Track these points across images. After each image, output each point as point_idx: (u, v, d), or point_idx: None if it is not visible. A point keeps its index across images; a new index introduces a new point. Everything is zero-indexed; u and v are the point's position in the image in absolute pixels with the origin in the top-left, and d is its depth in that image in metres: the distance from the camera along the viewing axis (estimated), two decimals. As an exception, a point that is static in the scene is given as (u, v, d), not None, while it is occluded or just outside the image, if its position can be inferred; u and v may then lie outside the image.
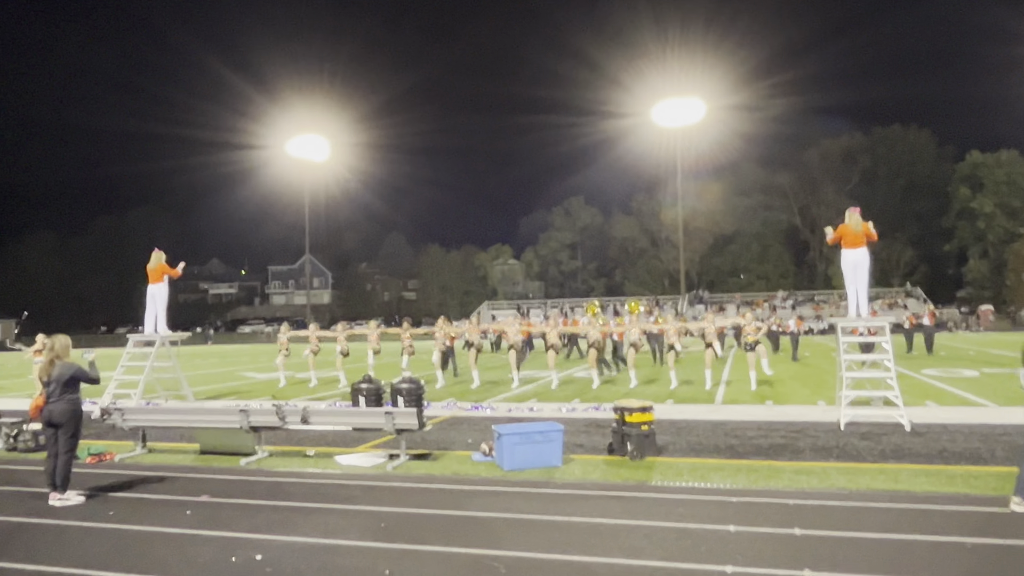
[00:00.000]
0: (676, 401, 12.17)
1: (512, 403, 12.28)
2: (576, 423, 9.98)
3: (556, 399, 12.81)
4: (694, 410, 11.03)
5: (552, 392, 13.97)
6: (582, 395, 13.36)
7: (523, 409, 11.38)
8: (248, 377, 20.36)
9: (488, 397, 13.42)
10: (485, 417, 10.80)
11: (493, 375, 18.46)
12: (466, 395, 13.88)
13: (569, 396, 13.22)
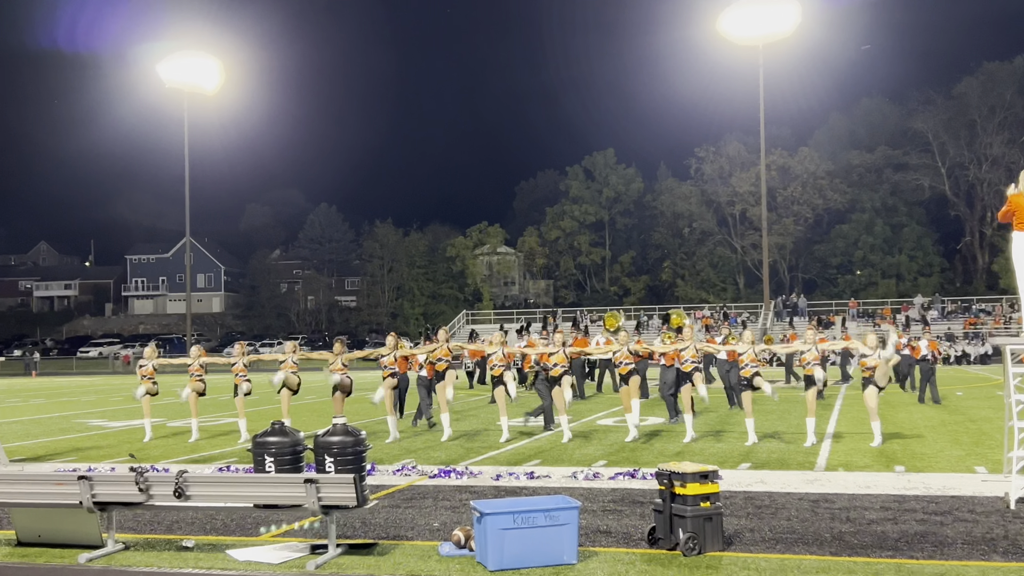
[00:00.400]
0: (755, 465, 12.23)
1: (502, 466, 12.32)
2: (600, 497, 10.00)
3: (568, 460, 12.85)
4: (783, 479, 11.07)
5: (563, 449, 14.02)
6: (609, 454, 13.39)
7: (519, 476, 11.38)
8: (94, 426, 20.33)
9: (465, 457, 13.46)
10: (460, 487, 10.82)
11: (472, 423, 18.49)
12: (431, 454, 13.91)
13: (589, 456, 13.27)
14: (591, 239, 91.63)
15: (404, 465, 12.29)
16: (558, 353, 14.86)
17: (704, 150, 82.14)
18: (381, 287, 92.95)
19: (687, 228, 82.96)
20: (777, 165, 76.90)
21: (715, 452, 13.48)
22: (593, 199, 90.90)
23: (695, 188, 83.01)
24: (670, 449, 13.91)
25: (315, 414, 22.01)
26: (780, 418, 18.40)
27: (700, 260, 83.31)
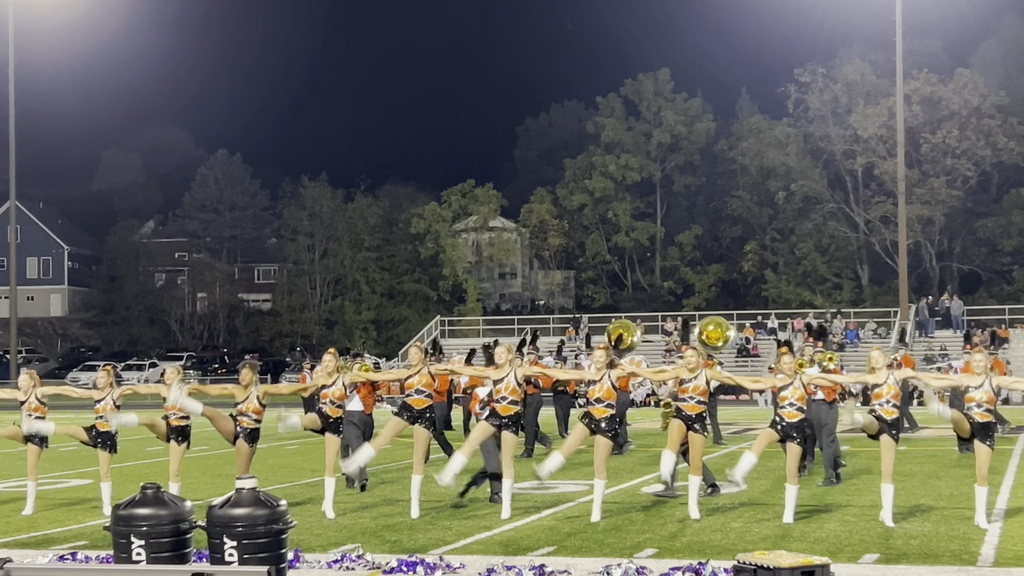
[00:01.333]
0: (886, 556, 12.20)
1: (496, 556, 12.30)
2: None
3: (598, 547, 12.82)
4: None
5: (590, 530, 13.98)
6: (661, 538, 13.39)
7: (522, 571, 11.36)
8: None
9: (440, 542, 13.43)
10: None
11: (457, 487, 18.49)
12: (388, 536, 13.87)
13: (630, 541, 13.24)
14: (634, 208, 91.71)
15: (346, 554, 12.27)
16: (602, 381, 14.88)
17: (808, 72, 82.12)
18: (310, 280, 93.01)
19: (782, 192, 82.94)
20: (921, 96, 76.88)
21: (825, 535, 13.39)
22: (638, 146, 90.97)
23: (795, 131, 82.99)
24: (756, 531, 13.86)
25: (208, 473, 21.96)
26: (923, 484, 18.35)
27: (802, 241, 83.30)
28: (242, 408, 15.72)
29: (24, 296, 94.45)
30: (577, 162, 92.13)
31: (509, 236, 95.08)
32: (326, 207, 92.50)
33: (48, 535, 14.45)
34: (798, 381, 14.56)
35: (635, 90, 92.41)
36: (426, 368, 15.61)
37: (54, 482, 20.40)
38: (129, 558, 8.14)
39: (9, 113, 62.55)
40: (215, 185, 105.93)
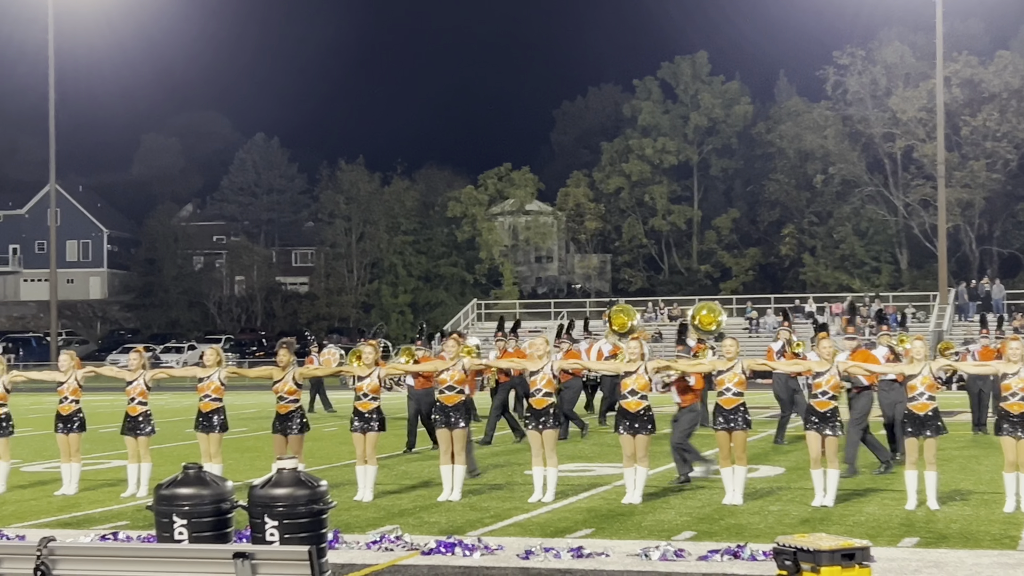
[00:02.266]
0: (925, 540, 12.19)
1: (534, 538, 12.33)
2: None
3: (636, 530, 12.85)
4: (969, 562, 11.00)
5: (627, 513, 14.02)
6: (699, 521, 13.40)
7: (559, 552, 11.41)
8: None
9: (477, 523, 13.47)
10: (469, 568, 10.81)
11: (494, 473, 18.56)
12: (426, 516, 13.94)
13: (668, 524, 13.27)
14: (671, 191, 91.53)
15: (384, 534, 12.32)
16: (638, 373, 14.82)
17: (847, 54, 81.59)
18: (347, 263, 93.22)
19: (820, 175, 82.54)
20: (962, 78, 76.32)
21: (864, 519, 13.37)
22: (675, 129, 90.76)
23: (833, 114, 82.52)
24: (794, 514, 13.85)
25: (249, 453, 22.08)
26: (963, 469, 18.26)
27: (840, 225, 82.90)
28: (278, 389, 15.78)
29: (64, 279, 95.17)
30: (614, 145, 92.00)
31: (545, 220, 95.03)
32: (363, 190, 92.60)
33: (89, 515, 14.60)
34: (834, 368, 14.47)
35: (672, 73, 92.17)
36: (460, 363, 15.58)
37: (95, 463, 20.56)
38: (171, 537, 8.20)
39: (49, 97, 62.92)
40: (253, 169, 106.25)
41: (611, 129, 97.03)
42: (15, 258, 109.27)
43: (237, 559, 7.33)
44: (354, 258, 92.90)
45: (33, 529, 13.13)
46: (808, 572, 7.59)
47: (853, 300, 61.69)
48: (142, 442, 16.33)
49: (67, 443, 16.62)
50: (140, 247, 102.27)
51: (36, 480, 18.32)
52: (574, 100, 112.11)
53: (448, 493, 15.38)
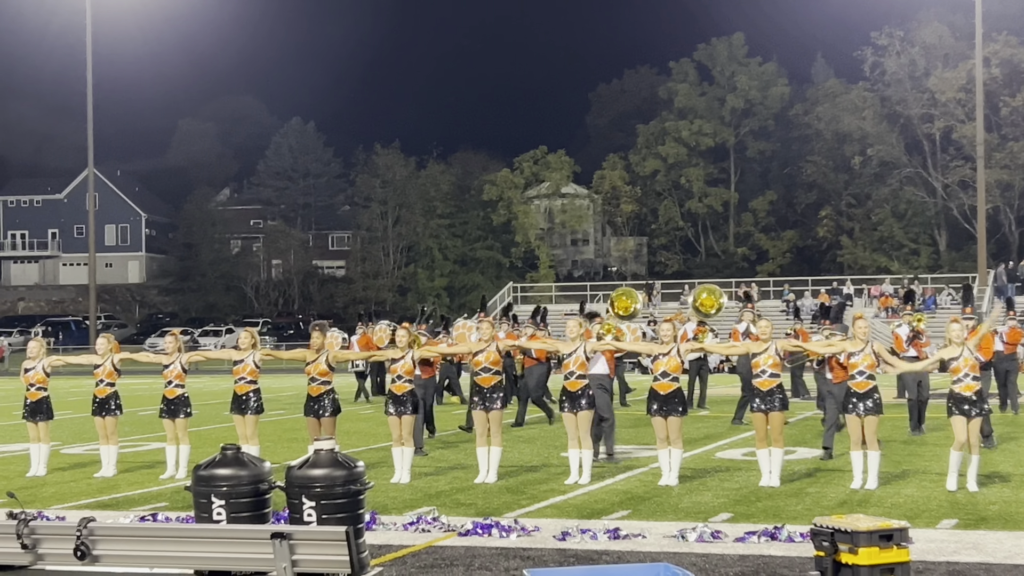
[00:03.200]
0: (964, 521, 12.13)
1: (570, 520, 12.35)
2: (722, 567, 9.98)
3: (673, 511, 12.87)
4: (1009, 544, 10.97)
5: (664, 495, 14.04)
6: (737, 502, 13.41)
7: (596, 534, 11.43)
8: (-45, 452, 20.70)
9: (513, 505, 13.51)
10: (506, 550, 10.84)
11: (522, 452, 18.58)
12: (462, 498, 13.98)
13: (705, 506, 13.28)
14: (707, 174, 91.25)
15: (421, 516, 12.36)
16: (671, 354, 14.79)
17: (886, 35, 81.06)
18: (383, 247, 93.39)
19: (858, 157, 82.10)
20: (1001, 58, 75.68)
21: (903, 500, 13.35)
22: (711, 112, 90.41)
23: (871, 95, 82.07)
24: (831, 495, 13.84)
25: (286, 435, 22.20)
26: (1001, 450, 18.17)
27: (878, 207, 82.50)
28: (310, 370, 15.84)
29: (103, 263, 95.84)
30: (650, 128, 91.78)
31: (581, 202, 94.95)
32: (399, 174, 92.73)
33: (128, 496, 14.71)
34: (869, 349, 14.38)
35: (708, 55, 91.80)
36: (494, 344, 15.60)
37: (134, 445, 20.72)
38: (210, 518, 8.25)
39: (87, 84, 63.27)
40: (289, 153, 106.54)
41: (647, 111, 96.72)
42: (54, 242, 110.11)
43: (275, 539, 7.37)
44: (390, 242, 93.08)
45: (73, 510, 13.23)
46: (846, 553, 7.57)
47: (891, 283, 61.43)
48: (180, 424, 16.43)
49: (104, 426, 16.75)
50: (178, 231, 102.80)
51: (76, 462, 18.47)
52: (610, 82, 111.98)
53: (484, 475, 15.41)
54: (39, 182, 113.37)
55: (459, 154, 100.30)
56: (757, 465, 15.22)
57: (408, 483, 15.31)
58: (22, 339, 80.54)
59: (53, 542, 7.81)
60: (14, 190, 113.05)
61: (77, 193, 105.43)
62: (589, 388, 15.20)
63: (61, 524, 8.06)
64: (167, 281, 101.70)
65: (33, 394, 16.89)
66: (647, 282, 74.24)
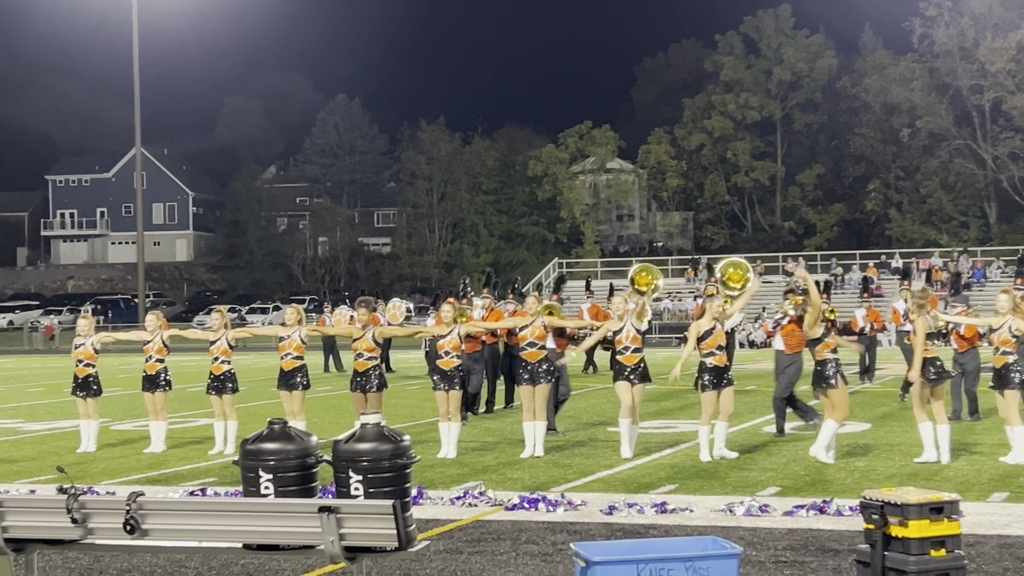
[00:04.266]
0: (1017, 494, 12.07)
1: (617, 494, 12.36)
2: (771, 541, 9.97)
3: (720, 485, 12.87)
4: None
5: (712, 469, 14.03)
6: (785, 477, 13.39)
7: (643, 508, 11.43)
8: (7, 429, 21.03)
9: (560, 479, 13.52)
10: (553, 524, 10.85)
11: (576, 430, 18.59)
12: (509, 473, 14.03)
13: (753, 480, 13.27)
14: (754, 147, 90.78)
15: (468, 491, 12.39)
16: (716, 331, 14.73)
17: (935, 5, 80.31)
18: (429, 223, 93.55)
19: (907, 129, 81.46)
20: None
21: (953, 474, 13.27)
22: (758, 85, 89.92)
23: (920, 66, 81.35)
24: (880, 469, 13.78)
25: (333, 411, 22.31)
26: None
27: (927, 179, 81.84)
28: (357, 346, 15.85)
29: (151, 241, 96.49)
30: (696, 102, 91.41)
31: (627, 178, 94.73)
32: (444, 151, 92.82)
33: (177, 472, 14.83)
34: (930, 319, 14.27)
35: (755, 27, 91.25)
36: (540, 320, 15.59)
37: (182, 421, 20.88)
38: (258, 492, 8.29)
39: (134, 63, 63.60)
40: (335, 130, 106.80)
41: (693, 85, 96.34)
42: (103, 221, 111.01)
43: (323, 513, 7.40)
44: (436, 218, 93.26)
45: (122, 486, 13.35)
46: (896, 526, 7.51)
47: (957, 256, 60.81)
48: (227, 400, 16.53)
49: (153, 402, 16.87)
50: (225, 209, 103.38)
51: (125, 438, 18.63)
52: (655, 56, 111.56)
53: (531, 450, 15.42)
54: (87, 161, 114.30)
55: (504, 130, 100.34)
56: (805, 439, 15.16)
57: (455, 458, 15.35)
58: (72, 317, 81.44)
59: (103, 516, 7.87)
60: (63, 170, 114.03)
61: (125, 172, 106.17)
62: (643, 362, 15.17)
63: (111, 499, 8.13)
64: (215, 259, 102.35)
65: (82, 370, 17.05)
66: (693, 257, 74.06)
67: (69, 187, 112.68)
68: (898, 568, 7.47)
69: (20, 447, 17.98)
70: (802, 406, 17.47)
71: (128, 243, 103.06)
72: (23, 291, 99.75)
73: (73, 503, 7.86)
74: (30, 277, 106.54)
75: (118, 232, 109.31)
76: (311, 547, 7.63)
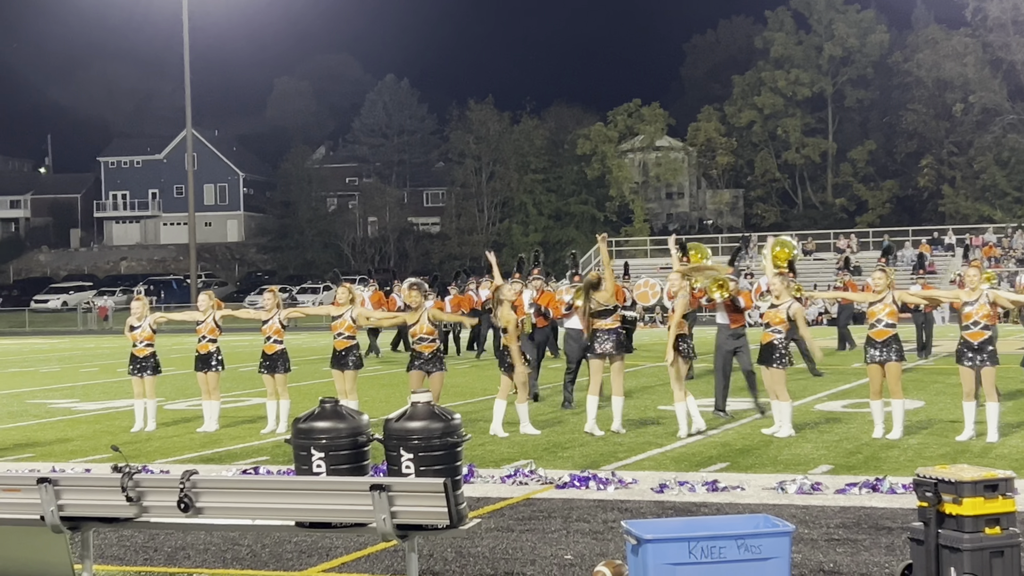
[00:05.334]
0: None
1: (668, 472, 12.38)
2: (823, 519, 9.96)
3: (772, 463, 12.85)
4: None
5: (764, 447, 14.01)
6: (838, 455, 13.34)
7: (694, 486, 11.43)
8: (58, 409, 21.21)
9: (611, 457, 13.55)
10: (604, 502, 10.88)
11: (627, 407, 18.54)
12: (560, 452, 14.04)
13: (805, 457, 13.24)
14: (805, 124, 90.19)
15: (519, 469, 12.42)
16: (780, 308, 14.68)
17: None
18: (478, 203, 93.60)
19: (959, 104, 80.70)
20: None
21: (1007, 451, 13.20)
22: (808, 61, 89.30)
23: (973, 40, 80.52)
24: (934, 447, 13.73)
25: (384, 389, 22.40)
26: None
27: (980, 155, 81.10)
28: (415, 331, 15.81)
29: (202, 222, 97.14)
30: (745, 78, 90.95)
31: (676, 155, 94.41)
32: (492, 130, 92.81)
33: (230, 451, 14.95)
34: (984, 298, 14.03)
35: (805, 2, 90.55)
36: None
37: (235, 400, 21.02)
38: (310, 470, 8.34)
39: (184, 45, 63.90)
40: (384, 110, 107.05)
41: (743, 62, 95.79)
42: (155, 203, 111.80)
43: (374, 491, 7.44)
44: (484, 197, 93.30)
45: (176, 464, 13.47)
46: (950, 503, 7.46)
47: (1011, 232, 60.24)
48: (279, 380, 16.60)
49: (206, 381, 16.99)
50: (275, 190, 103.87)
51: (179, 418, 18.79)
52: (704, 33, 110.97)
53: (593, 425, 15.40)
54: (139, 143, 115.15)
55: (553, 108, 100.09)
56: (857, 417, 15.09)
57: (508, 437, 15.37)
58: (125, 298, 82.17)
59: (157, 495, 7.95)
60: (115, 151, 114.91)
61: (176, 153, 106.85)
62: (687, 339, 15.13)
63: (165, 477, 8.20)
64: (265, 239, 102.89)
65: (140, 350, 17.17)
66: (743, 235, 73.71)
67: (121, 169, 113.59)
68: (952, 546, 7.43)
69: (75, 426, 18.16)
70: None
71: (179, 224, 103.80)
72: (77, 272, 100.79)
73: (128, 482, 7.94)
74: (83, 258, 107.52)
75: (169, 213, 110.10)
76: (363, 525, 7.68)
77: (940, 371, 23.36)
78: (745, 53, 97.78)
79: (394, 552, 9.04)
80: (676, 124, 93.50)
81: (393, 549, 9.07)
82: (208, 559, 9.14)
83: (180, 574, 8.71)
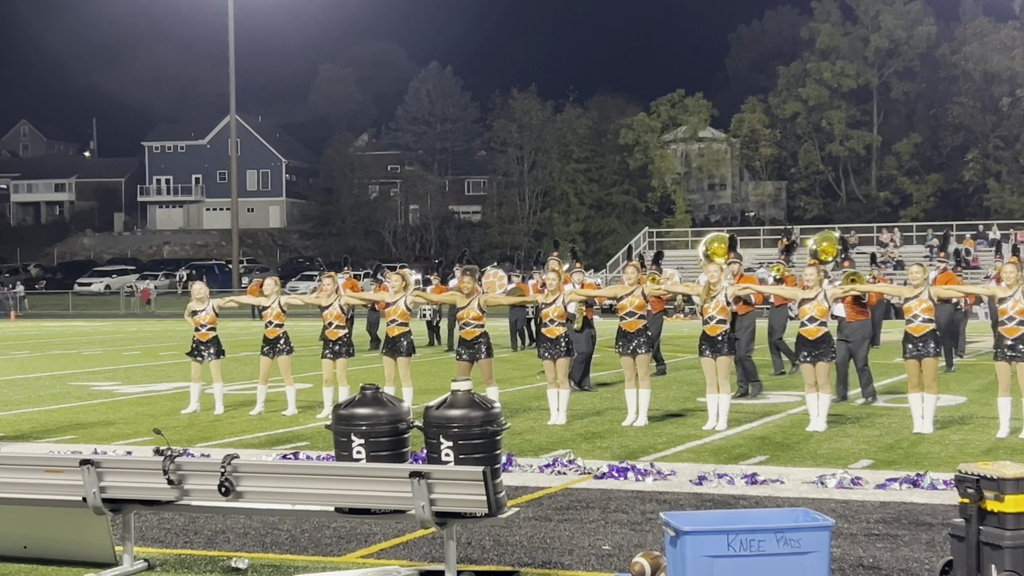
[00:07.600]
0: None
1: (707, 464, 12.35)
2: (862, 514, 9.92)
3: (812, 457, 12.79)
4: None
5: (804, 440, 13.94)
6: (878, 450, 13.27)
7: (733, 479, 11.40)
8: (100, 391, 21.36)
9: (651, 448, 13.54)
10: (642, 493, 10.87)
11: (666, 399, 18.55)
12: (600, 442, 14.02)
13: (845, 452, 13.17)
14: (850, 116, 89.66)
15: (557, 458, 12.42)
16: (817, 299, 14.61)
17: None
18: (519, 192, 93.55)
19: (1007, 98, 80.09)
20: None
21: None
22: (854, 52, 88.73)
23: (1021, 34, 79.89)
24: (976, 443, 13.61)
25: (425, 377, 22.43)
26: None
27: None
28: (463, 316, 15.80)
29: (244, 208, 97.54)
30: (790, 69, 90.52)
31: (719, 146, 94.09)
32: (535, 119, 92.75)
33: (272, 435, 15.02)
34: (1019, 294, 13.90)
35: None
36: (640, 289, 15.52)
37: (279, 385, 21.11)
38: (350, 456, 8.37)
39: (229, 31, 64.15)
40: (427, 98, 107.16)
41: (788, 53, 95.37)
42: (198, 188, 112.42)
43: (414, 478, 7.47)
44: (526, 186, 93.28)
45: (217, 448, 13.53)
46: (991, 500, 7.41)
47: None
48: (340, 364, 16.64)
49: (276, 366, 17.05)
50: (318, 177, 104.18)
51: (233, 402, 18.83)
52: (750, 23, 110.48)
53: (633, 418, 15.40)
54: (183, 128, 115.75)
55: (596, 98, 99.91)
56: (898, 412, 15.02)
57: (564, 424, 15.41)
58: (167, 282, 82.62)
59: (198, 478, 8.01)
60: (159, 136, 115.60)
61: (220, 139, 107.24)
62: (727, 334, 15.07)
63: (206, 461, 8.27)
64: (307, 226, 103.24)
65: (204, 335, 17.30)
66: (785, 227, 73.41)
67: (165, 153, 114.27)
68: (993, 543, 7.39)
69: (117, 409, 18.28)
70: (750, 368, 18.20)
71: (222, 209, 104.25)
72: (120, 256, 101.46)
73: (169, 465, 8.01)
74: (127, 242, 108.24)
75: (212, 198, 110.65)
76: (402, 512, 7.72)
77: (982, 367, 23.18)
78: (790, 44, 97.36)
79: (432, 539, 9.05)
80: (719, 115, 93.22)
81: (431, 536, 9.09)
82: (248, 543, 9.18)
83: (220, 557, 8.76)
